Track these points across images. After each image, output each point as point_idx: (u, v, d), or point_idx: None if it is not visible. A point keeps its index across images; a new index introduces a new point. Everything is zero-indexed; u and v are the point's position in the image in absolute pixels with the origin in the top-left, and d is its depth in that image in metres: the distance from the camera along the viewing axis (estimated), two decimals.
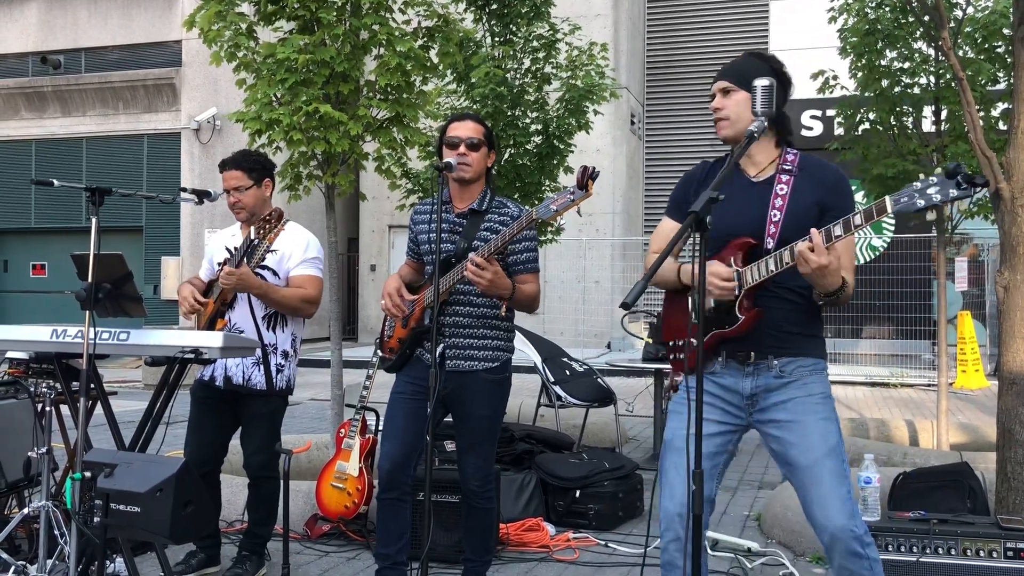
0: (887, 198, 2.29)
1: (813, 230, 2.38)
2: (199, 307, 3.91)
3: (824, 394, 2.60)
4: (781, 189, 2.61)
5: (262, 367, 3.84)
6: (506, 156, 6.50)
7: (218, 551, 4.06)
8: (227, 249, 3.99)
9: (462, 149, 3.29)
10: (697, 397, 2.37)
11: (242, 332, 3.84)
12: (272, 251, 3.87)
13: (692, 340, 2.64)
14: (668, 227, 2.85)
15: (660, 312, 3.05)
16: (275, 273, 3.89)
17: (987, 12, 6.22)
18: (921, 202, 2.22)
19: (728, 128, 2.67)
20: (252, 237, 3.79)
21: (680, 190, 2.84)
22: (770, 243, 2.56)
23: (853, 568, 2.49)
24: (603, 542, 4.58)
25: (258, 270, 3.83)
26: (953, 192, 2.19)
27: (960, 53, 6.12)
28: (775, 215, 2.58)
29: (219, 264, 3.93)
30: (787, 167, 2.64)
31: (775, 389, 2.60)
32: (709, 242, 2.62)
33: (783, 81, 2.65)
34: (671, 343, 2.81)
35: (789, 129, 2.71)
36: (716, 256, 2.63)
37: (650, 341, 6.78)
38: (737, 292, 2.55)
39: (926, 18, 5.43)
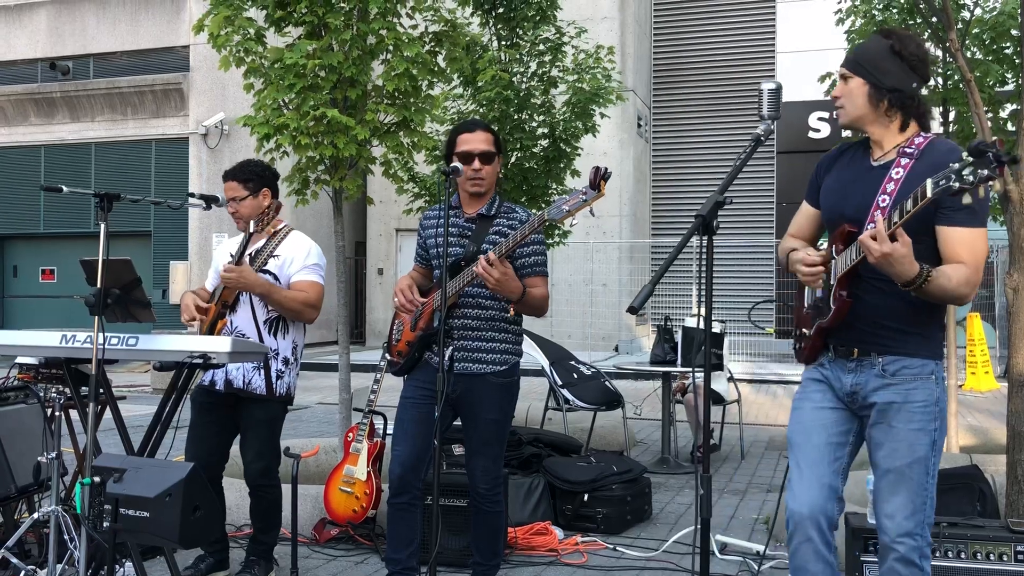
0: (928, 181, 2.21)
1: (878, 216, 2.30)
2: (200, 315, 3.91)
3: (925, 403, 2.49)
4: (896, 173, 2.50)
5: (262, 371, 3.85)
6: (513, 160, 6.51)
7: (227, 555, 4.06)
8: (231, 255, 4.01)
9: (476, 164, 3.30)
10: (704, 397, 2.38)
11: (244, 336, 3.86)
12: (275, 256, 3.91)
13: (805, 331, 2.64)
14: (803, 209, 2.83)
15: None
16: (276, 279, 3.91)
17: (995, 13, 6.20)
18: (956, 184, 2.13)
19: (843, 116, 2.62)
20: (251, 231, 3.79)
21: (813, 174, 2.81)
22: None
23: (904, 574, 2.49)
24: (611, 546, 4.58)
25: (260, 274, 3.85)
26: (984, 172, 2.09)
27: (968, 54, 6.11)
28: (883, 200, 2.48)
29: (221, 271, 3.95)
30: (909, 150, 2.52)
31: (876, 389, 2.53)
32: (826, 224, 2.66)
33: (910, 61, 2.53)
34: (795, 333, 2.77)
35: (920, 112, 2.58)
36: (828, 242, 2.60)
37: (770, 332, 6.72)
38: (831, 281, 2.51)
39: (934, 19, 5.41)
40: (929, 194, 2.19)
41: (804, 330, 2.67)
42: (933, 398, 2.51)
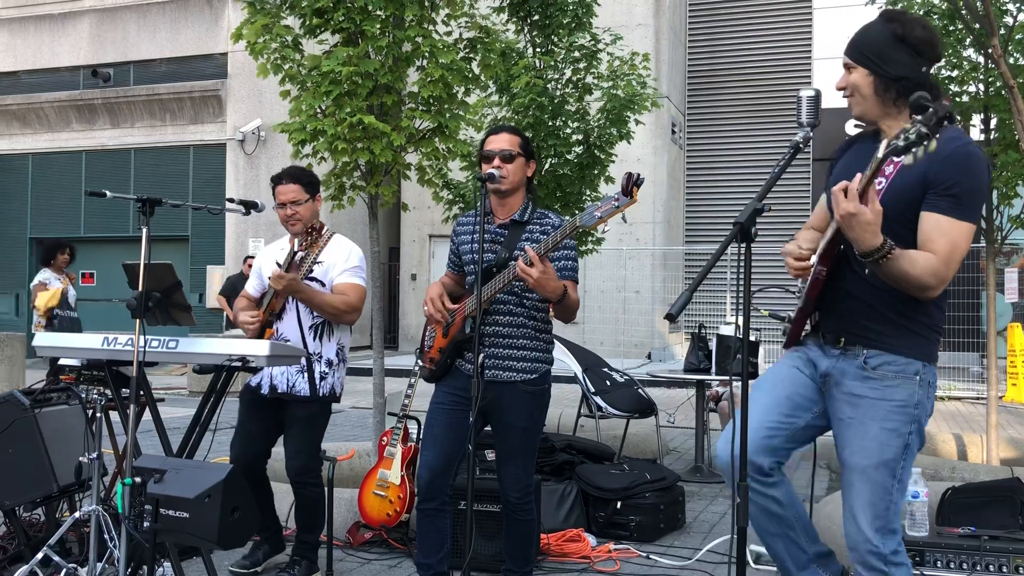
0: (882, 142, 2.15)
1: (857, 176, 2.22)
2: (253, 320, 4.04)
3: (903, 403, 2.40)
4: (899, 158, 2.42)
5: (306, 375, 3.92)
6: (547, 166, 6.51)
7: (281, 538, 4.20)
8: (277, 264, 4.09)
9: (496, 162, 3.32)
10: (743, 405, 2.36)
11: (288, 341, 3.93)
12: (319, 262, 4.01)
13: (790, 314, 2.61)
14: (821, 200, 2.74)
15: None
16: (322, 284, 4.02)
17: None
18: (900, 143, 2.05)
19: (853, 108, 2.53)
20: (295, 249, 3.88)
21: (830, 165, 2.73)
22: None
23: None
24: (644, 554, 4.56)
25: (305, 281, 3.96)
26: (923, 129, 1.99)
27: (1011, 60, 6.01)
28: (880, 183, 2.39)
29: (269, 277, 4.04)
30: None
31: (852, 379, 2.45)
32: (832, 212, 2.53)
33: (917, 46, 2.42)
34: (787, 317, 2.73)
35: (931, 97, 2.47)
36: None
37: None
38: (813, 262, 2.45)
39: (976, 26, 5.34)
40: (879, 155, 2.11)
41: (790, 314, 2.63)
42: (913, 400, 2.41)
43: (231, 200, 3.92)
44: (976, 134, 6.55)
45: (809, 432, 2.62)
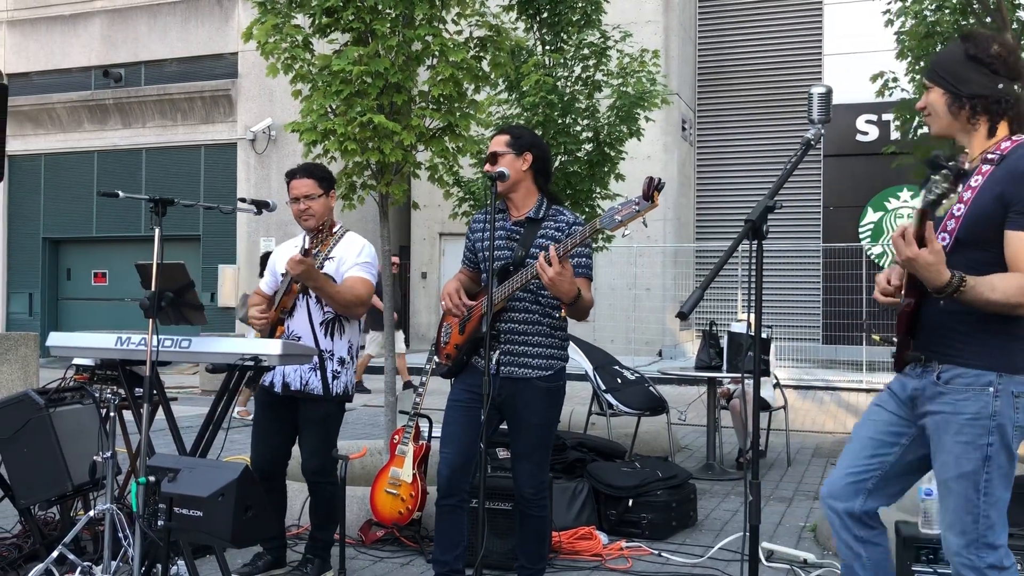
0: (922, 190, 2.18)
1: (929, 225, 2.21)
2: (264, 317, 4.04)
3: (975, 415, 2.37)
4: (975, 180, 2.38)
5: (319, 372, 3.92)
6: (557, 164, 6.51)
7: (284, 552, 4.15)
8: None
9: (486, 167, 3.37)
10: (754, 404, 2.36)
11: (299, 339, 3.93)
12: (330, 258, 4.00)
13: (894, 338, 2.62)
14: None
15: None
16: (333, 280, 3.99)
17: None
18: (931, 197, 2.09)
19: (931, 128, 2.57)
20: (307, 246, 3.89)
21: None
22: (945, 239, 2.39)
23: None
24: (656, 551, 4.55)
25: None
26: (945, 185, 2.05)
27: None
28: (958, 209, 2.38)
29: (283, 275, 4.04)
30: (992, 155, 2.40)
31: (930, 397, 2.46)
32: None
33: (990, 64, 2.42)
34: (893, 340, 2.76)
35: (1015, 114, 2.42)
36: None
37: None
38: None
39: (988, 20, 5.31)
40: (919, 206, 2.14)
41: (894, 337, 2.64)
42: (988, 411, 2.37)
43: (243, 200, 3.93)
44: None
45: (914, 463, 2.61)
